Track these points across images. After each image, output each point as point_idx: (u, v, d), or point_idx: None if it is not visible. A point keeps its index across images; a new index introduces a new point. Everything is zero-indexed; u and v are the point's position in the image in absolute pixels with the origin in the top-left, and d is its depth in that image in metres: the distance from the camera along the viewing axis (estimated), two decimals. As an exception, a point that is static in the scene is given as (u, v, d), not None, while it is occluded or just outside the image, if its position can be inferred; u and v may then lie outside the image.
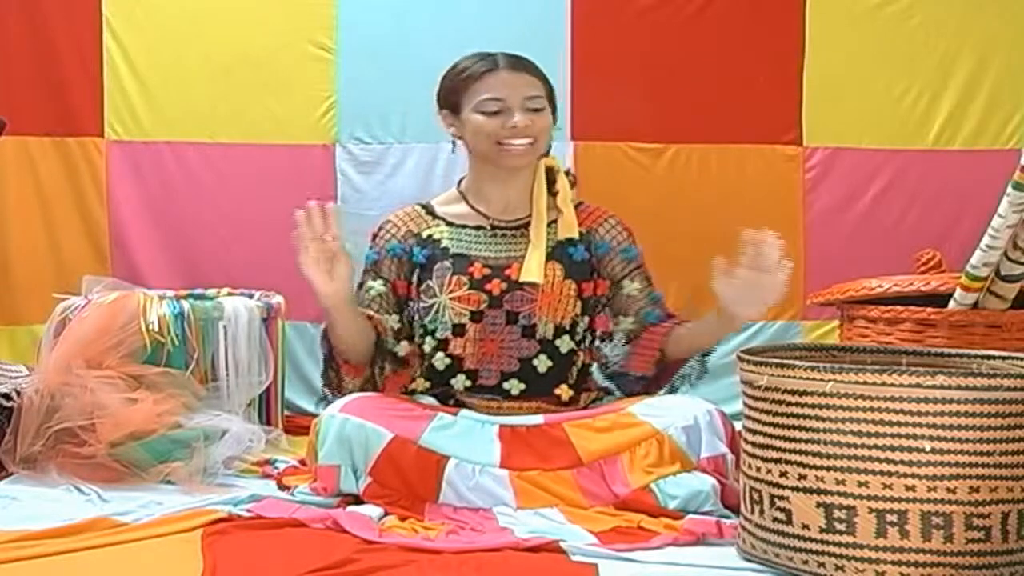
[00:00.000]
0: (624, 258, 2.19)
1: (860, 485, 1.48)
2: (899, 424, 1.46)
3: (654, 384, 2.15)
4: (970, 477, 1.44)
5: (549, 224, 2.14)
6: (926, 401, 1.45)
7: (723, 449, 1.96)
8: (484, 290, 2.10)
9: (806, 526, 1.52)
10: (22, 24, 2.88)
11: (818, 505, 1.51)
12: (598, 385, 2.22)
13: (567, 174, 2.22)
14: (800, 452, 1.53)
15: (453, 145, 2.23)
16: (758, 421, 1.60)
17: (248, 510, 1.90)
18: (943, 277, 2.34)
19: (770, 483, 1.56)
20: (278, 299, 2.71)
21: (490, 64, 2.11)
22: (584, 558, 1.66)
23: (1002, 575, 1.46)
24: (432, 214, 2.19)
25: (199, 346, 2.48)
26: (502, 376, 2.11)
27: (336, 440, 1.95)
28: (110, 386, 2.23)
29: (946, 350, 1.86)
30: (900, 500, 1.46)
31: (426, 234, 2.16)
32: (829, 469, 1.51)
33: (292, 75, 2.97)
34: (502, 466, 1.92)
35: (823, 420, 1.51)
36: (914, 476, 1.45)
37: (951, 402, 1.44)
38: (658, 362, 2.13)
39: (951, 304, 2.29)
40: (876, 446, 1.47)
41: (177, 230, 2.98)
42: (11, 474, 2.17)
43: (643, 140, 3.03)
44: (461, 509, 1.90)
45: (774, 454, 1.56)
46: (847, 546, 1.50)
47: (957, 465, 1.44)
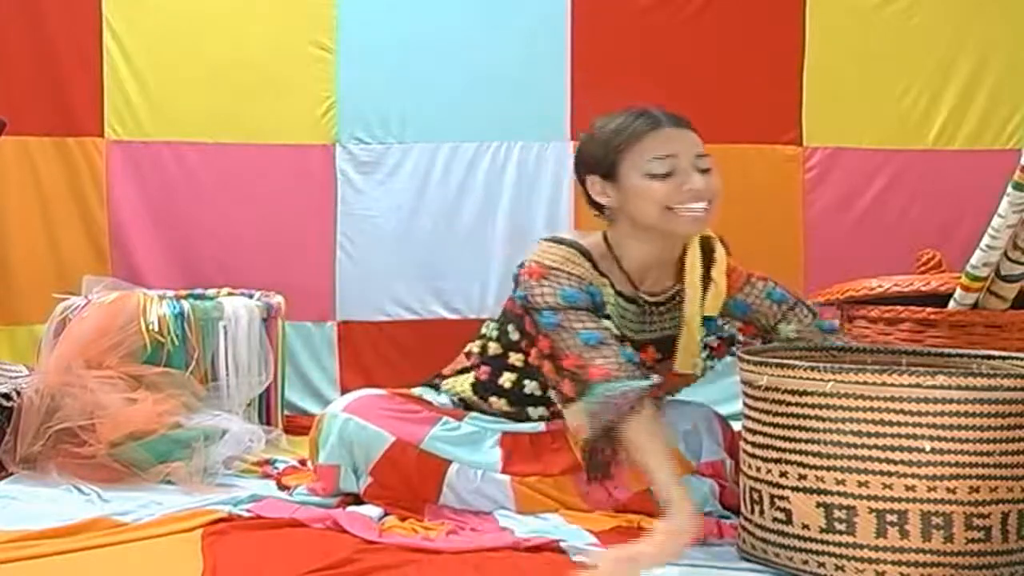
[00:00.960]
0: (773, 302, 2.02)
1: (860, 485, 1.48)
2: (899, 424, 1.46)
3: None
4: (970, 477, 1.44)
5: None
6: (926, 401, 1.45)
7: (722, 454, 1.97)
8: None
9: (806, 526, 1.52)
10: (22, 24, 2.88)
11: (818, 505, 1.52)
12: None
13: (721, 241, 2.00)
14: (800, 452, 1.53)
15: (601, 210, 1.91)
16: (758, 421, 1.60)
17: (248, 510, 1.90)
18: (943, 277, 2.34)
19: (770, 483, 1.56)
20: (278, 299, 2.71)
21: (652, 122, 1.86)
22: (585, 558, 1.66)
23: (1002, 575, 1.46)
24: (597, 269, 1.89)
25: (199, 346, 2.48)
26: None
27: (338, 440, 1.94)
28: (110, 386, 2.23)
29: (946, 350, 1.86)
30: (900, 500, 1.46)
31: (600, 292, 1.87)
32: (829, 469, 1.51)
33: (292, 75, 2.97)
34: (503, 471, 1.92)
35: (823, 420, 1.51)
36: (914, 476, 1.45)
37: (951, 402, 1.44)
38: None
39: (951, 304, 2.29)
40: (876, 446, 1.47)
41: (177, 230, 2.98)
42: (11, 474, 2.17)
43: (643, 140, 3.02)
44: (461, 510, 1.90)
45: (774, 454, 1.56)
46: (847, 546, 1.50)
47: (957, 465, 1.44)
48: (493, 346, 2.02)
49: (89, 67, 2.93)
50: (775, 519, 1.56)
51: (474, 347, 2.09)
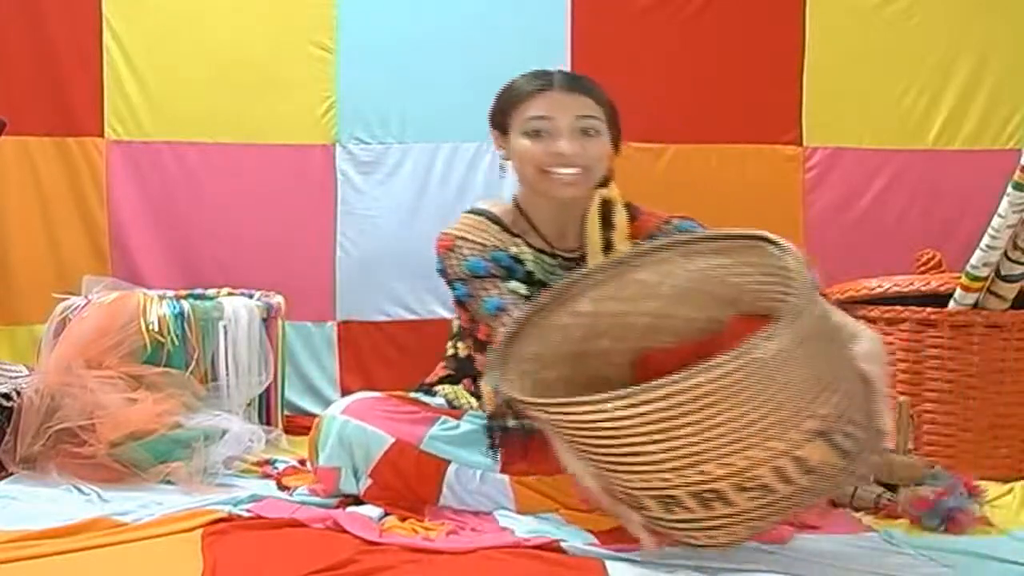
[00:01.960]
0: (677, 231, 1.99)
1: (641, 481, 1.51)
2: (616, 439, 1.47)
3: None
4: (712, 460, 1.45)
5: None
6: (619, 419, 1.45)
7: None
8: None
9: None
10: (22, 24, 2.88)
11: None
12: None
13: (628, 207, 2.00)
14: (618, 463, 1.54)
15: (502, 169, 2.01)
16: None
17: (248, 510, 1.90)
18: (943, 277, 2.34)
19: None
20: (278, 299, 2.71)
21: (543, 83, 1.92)
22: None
23: None
24: (508, 231, 1.98)
25: (199, 346, 2.48)
26: None
27: (337, 442, 1.94)
28: (110, 386, 2.23)
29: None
30: (666, 488, 1.49)
31: (514, 252, 1.96)
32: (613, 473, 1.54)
33: (292, 75, 2.97)
34: (502, 471, 1.92)
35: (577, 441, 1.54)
36: (659, 471, 1.47)
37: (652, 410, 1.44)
38: None
39: (951, 304, 2.29)
40: (613, 455, 1.50)
41: (177, 230, 2.98)
42: (11, 474, 2.17)
43: (643, 140, 3.02)
44: (461, 511, 1.90)
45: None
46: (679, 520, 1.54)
47: (691, 455, 1.45)
48: (460, 346, 2.05)
49: (89, 67, 2.93)
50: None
51: (448, 350, 2.11)
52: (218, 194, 2.98)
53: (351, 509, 1.90)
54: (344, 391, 2.89)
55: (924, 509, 1.90)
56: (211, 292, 2.77)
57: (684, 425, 1.43)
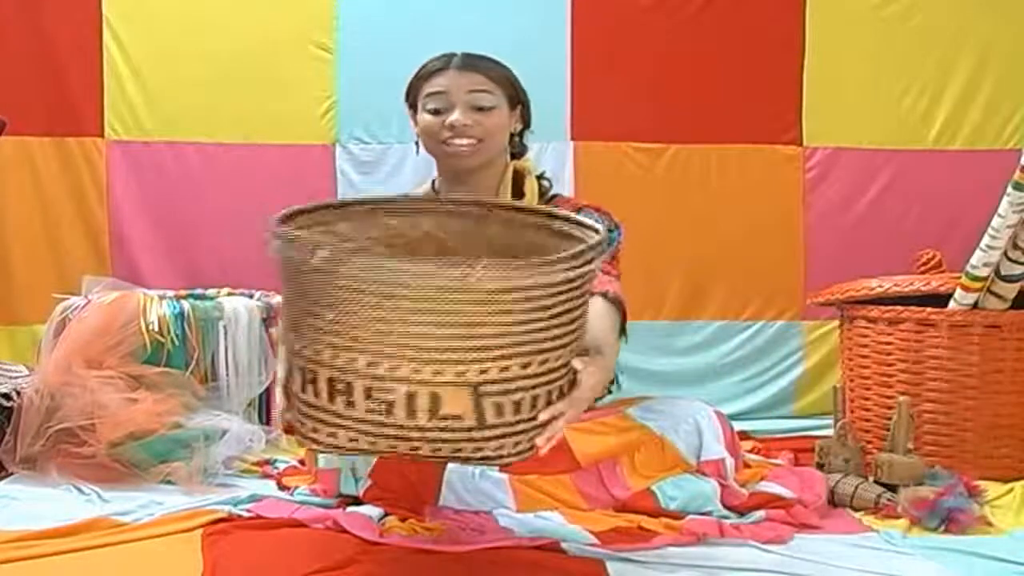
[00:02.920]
0: None
1: (295, 341, 1.49)
2: (307, 292, 1.48)
3: None
4: (367, 351, 1.41)
5: None
6: (321, 272, 1.45)
7: (723, 453, 1.97)
8: None
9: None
10: (22, 24, 2.88)
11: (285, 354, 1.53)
12: None
13: (540, 177, 2.14)
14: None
15: (416, 146, 2.15)
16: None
17: (248, 510, 1.91)
18: (943, 277, 2.34)
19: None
20: (278, 299, 2.71)
21: (443, 62, 2.07)
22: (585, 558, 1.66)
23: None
24: None
25: (199, 346, 2.48)
26: None
27: None
28: (110, 386, 2.23)
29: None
30: (312, 362, 1.45)
31: None
32: (286, 323, 1.54)
33: (292, 75, 2.97)
34: (501, 469, 1.92)
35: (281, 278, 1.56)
36: (320, 342, 1.44)
37: (341, 276, 1.42)
38: None
39: (951, 304, 2.29)
40: (299, 308, 1.50)
41: (177, 230, 2.98)
42: (11, 474, 2.17)
43: (643, 140, 3.03)
44: (461, 511, 1.90)
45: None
46: (291, 394, 1.51)
47: (354, 339, 1.41)
48: None
49: (89, 67, 2.93)
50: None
51: None
52: (218, 194, 2.98)
53: (351, 509, 1.90)
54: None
55: (924, 509, 1.90)
56: (211, 292, 2.77)
57: (365, 305, 1.39)
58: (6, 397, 2.22)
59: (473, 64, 2.06)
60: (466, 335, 1.40)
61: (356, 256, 1.42)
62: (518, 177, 2.09)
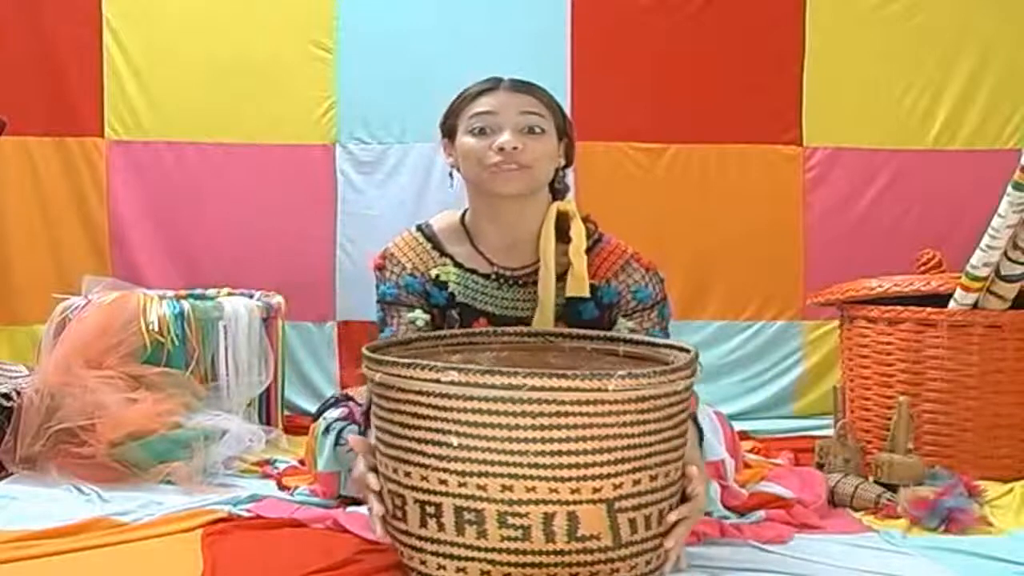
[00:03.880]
0: (633, 299, 1.94)
1: (405, 475, 1.47)
2: (429, 418, 1.44)
3: None
4: (501, 475, 1.40)
5: (559, 277, 1.88)
6: (447, 396, 1.41)
7: (723, 454, 1.97)
8: None
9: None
10: (22, 24, 2.88)
11: (388, 492, 1.53)
12: None
13: (586, 220, 1.94)
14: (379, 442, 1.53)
15: (451, 176, 1.96)
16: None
17: (248, 510, 1.91)
18: (943, 277, 2.34)
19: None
20: (278, 299, 2.71)
21: (491, 84, 1.91)
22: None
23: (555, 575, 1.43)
24: (439, 249, 1.96)
25: (199, 346, 2.48)
26: None
27: (334, 448, 1.94)
28: (110, 386, 2.23)
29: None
30: (435, 492, 1.44)
31: (434, 273, 1.95)
32: (388, 457, 1.51)
33: (292, 75, 2.97)
34: None
35: (382, 409, 1.51)
36: (444, 470, 1.43)
37: (472, 399, 1.40)
38: None
39: (951, 304, 2.29)
40: (412, 438, 1.45)
41: (177, 230, 2.98)
42: (11, 474, 2.17)
43: (643, 140, 3.03)
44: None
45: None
46: (402, 532, 1.50)
47: (485, 462, 1.41)
48: None
49: (89, 67, 2.93)
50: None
51: None
52: (218, 194, 2.98)
53: (351, 509, 1.90)
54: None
55: (924, 509, 1.90)
56: (211, 292, 2.77)
57: (497, 425, 1.39)
58: (6, 397, 2.22)
59: (525, 87, 1.90)
60: (601, 448, 1.40)
61: (489, 375, 1.39)
62: (563, 219, 1.90)
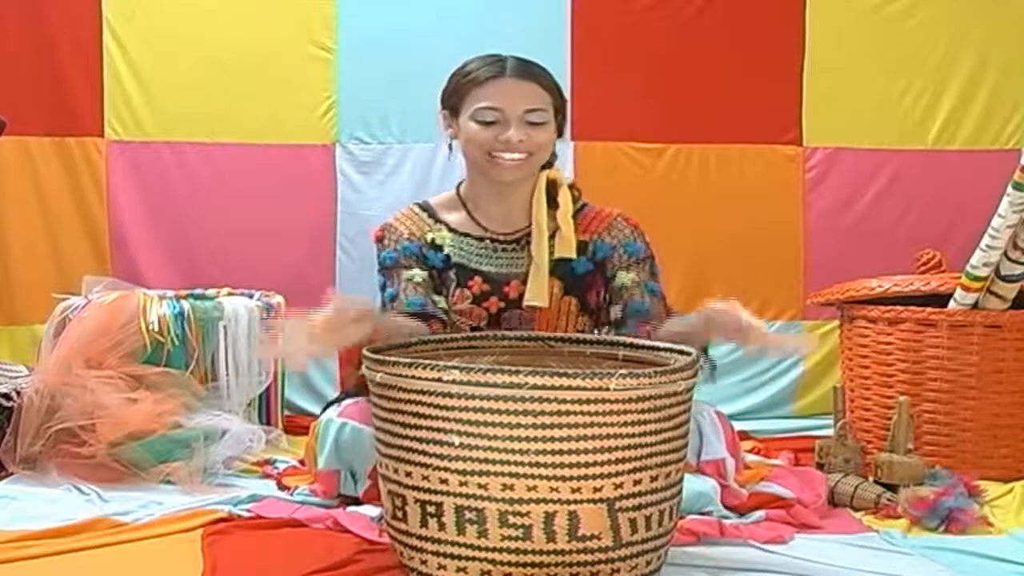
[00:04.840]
0: (625, 252, 2.07)
1: (406, 475, 1.47)
2: (430, 417, 1.44)
3: None
4: (502, 474, 1.40)
5: (550, 237, 2.04)
6: (450, 396, 1.42)
7: (723, 453, 1.97)
8: (482, 307, 2.05)
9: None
10: (22, 24, 2.88)
11: (388, 493, 1.53)
12: None
13: (571, 187, 2.12)
14: (378, 441, 1.54)
15: (450, 148, 2.11)
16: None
17: (248, 510, 1.91)
18: (943, 277, 2.34)
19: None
20: (278, 299, 2.71)
21: (496, 70, 2.00)
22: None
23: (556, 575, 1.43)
24: (434, 217, 2.10)
25: (199, 346, 2.48)
26: None
27: (335, 446, 1.95)
28: (110, 386, 2.23)
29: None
30: (436, 492, 1.44)
31: (430, 238, 2.07)
32: (387, 457, 1.51)
33: (292, 75, 2.97)
34: None
35: (380, 409, 1.52)
36: (446, 470, 1.43)
37: (473, 397, 1.40)
38: None
39: (951, 304, 2.29)
40: (413, 438, 1.46)
41: (177, 230, 2.98)
42: (11, 474, 2.17)
43: (643, 140, 3.03)
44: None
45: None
46: (402, 532, 1.51)
47: (486, 461, 1.41)
48: None
49: (89, 67, 2.93)
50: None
51: None
52: (218, 194, 2.98)
53: (351, 509, 1.90)
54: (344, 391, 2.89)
55: (924, 509, 1.90)
56: (211, 292, 2.77)
57: (498, 424, 1.39)
58: (6, 397, 2.22)
59: (531, 75, 2.01)
60: (602, 447, 1.40)
61: (491, 374, 1.40)
62: (552, 187, 2.07)
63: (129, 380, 2.27)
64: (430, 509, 1.45)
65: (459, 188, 2.14)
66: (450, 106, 2.05)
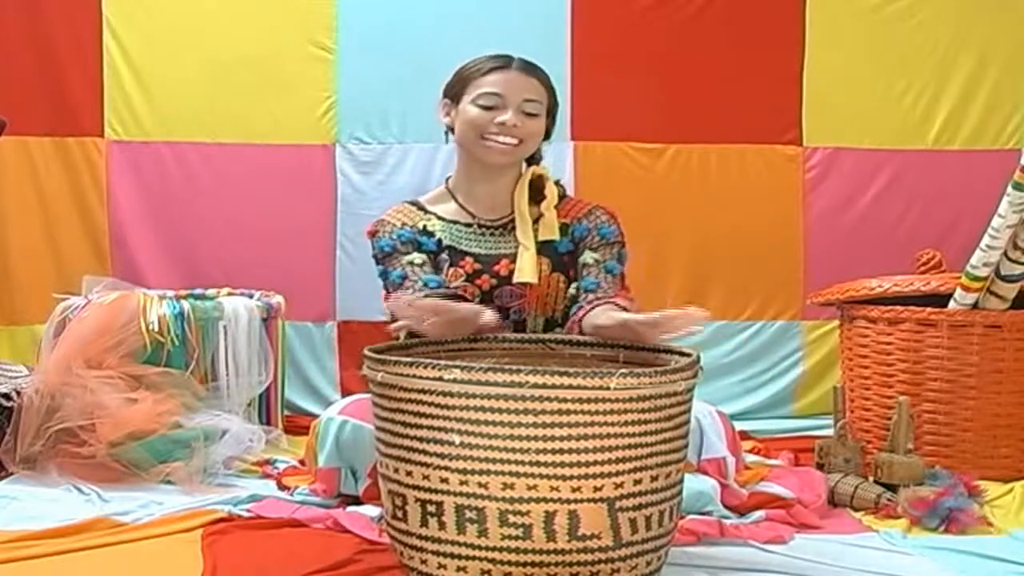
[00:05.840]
0: (598, 234, 2.13)
1: (406, 475, 1.48)
2: (431, 416, 1.44)
3: None
4: (502, 473, 1.41)
5: (534, 223, 2.12)
6: (450, 395, 1.42)
7: (723, 452, 1.97)
8: (475, 285, 2.08)
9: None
10: (22, 24, 2.88)
11: (388, 492, 1.53)
12: None
13: (557, 184, 2.19)
14: (378, 441, 1.55)
15: (446, 136, 2.20)
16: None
17: (248, 510, 1.91)
18: (943, 277, 2.34)
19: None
20: (278, 299, 2.71)
21: (502, 63, 2.11)
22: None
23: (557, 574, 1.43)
24: (424, 210, 2.16)
25: (199, 346, 2.48)
26: None
27: (335, 444, 1.95)
28: (110, 386, 2.23)
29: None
30: (436, 491, 1.45)
31: (422, 225, 2.13)
32: (387, 457, 1.52)
33: (292, 75, 2.97)
34: None
35: (380, 409, 1.52)
36: (446, 469, 1.43)
37: (473, 396, 1.41)
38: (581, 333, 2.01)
39: (951, 304, 2.29)
40: (414, 437, 1.46)
41: (177, 230, 2.98)
42: (11, 474, 2.17)
43: (643, 140, 3.03)
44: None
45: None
46: (402, 532, 1.51)
47: (487, 460, 1.41)
48: None
49: (89, 67, 2.93)
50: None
51: None
52: (218, 194, 2.98)
53: (351, 509, 1.90)
54: (344, 391, 2.89)
55: (924, 509, 1.90)
56: (211, 292, 2.77)
57: (499, 423, 1.40)
58: (6, 397, 2.22)
59: (533, 71, 2.13)
60: (602, 447, 1.40)
61: (492, 373, 1.40)
62: (539, 182, 2.16)
63: (129, 380, 2.27)
64: (430, 508, 1.45)
65: (448, 181, 2.21)
66: (452, 95, 2.14)
